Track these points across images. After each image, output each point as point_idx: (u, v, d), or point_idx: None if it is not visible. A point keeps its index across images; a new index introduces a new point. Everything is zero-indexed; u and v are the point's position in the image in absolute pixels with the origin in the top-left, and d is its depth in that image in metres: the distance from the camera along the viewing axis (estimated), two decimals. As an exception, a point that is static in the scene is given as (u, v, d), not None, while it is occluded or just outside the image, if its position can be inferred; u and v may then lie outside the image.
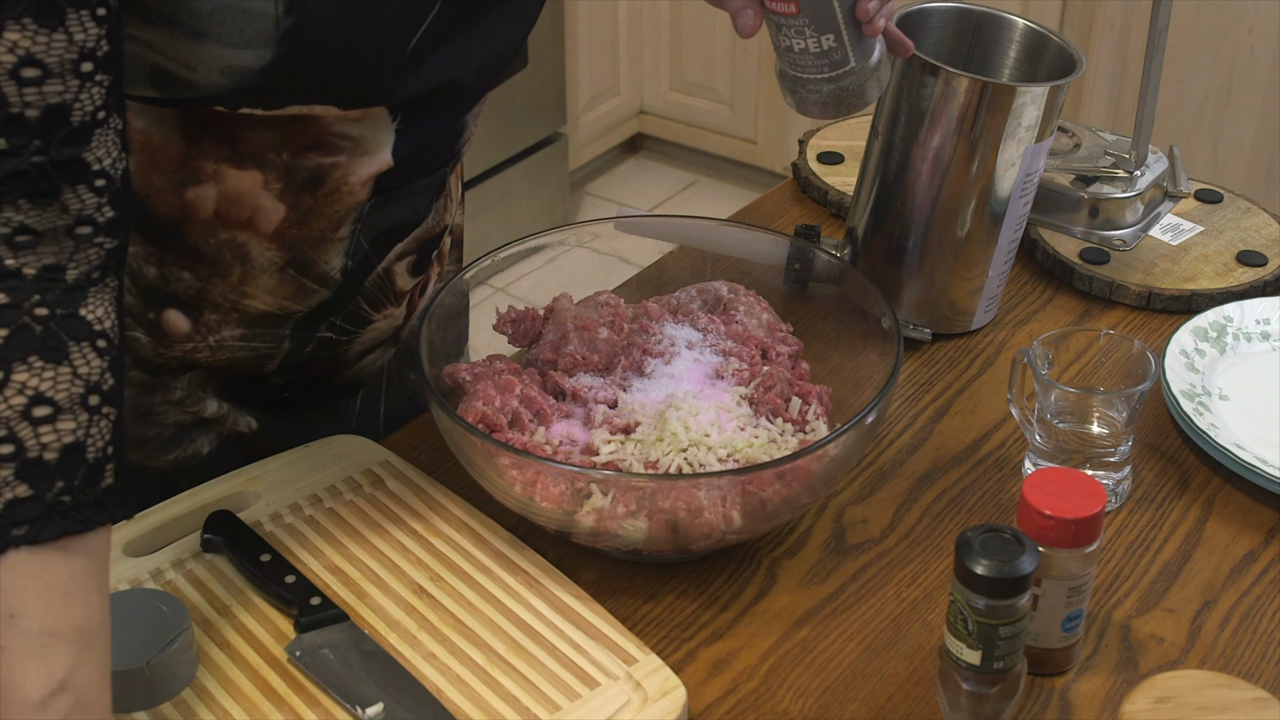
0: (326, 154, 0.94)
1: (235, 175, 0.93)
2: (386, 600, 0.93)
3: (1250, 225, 1.36)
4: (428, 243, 1.07)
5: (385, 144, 0.96)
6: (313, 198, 0.96)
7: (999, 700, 0.85)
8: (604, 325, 1.07)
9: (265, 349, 1.04)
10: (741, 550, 1.00)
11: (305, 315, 1.03)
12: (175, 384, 1.04)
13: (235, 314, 1.00)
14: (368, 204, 0.98)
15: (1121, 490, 1.05)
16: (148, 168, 0.92)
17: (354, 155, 0.95)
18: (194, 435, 1.06)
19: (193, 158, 0.92)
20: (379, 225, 1.01)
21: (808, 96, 1.01)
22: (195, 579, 0.95)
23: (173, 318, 1.00)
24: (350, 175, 0.96)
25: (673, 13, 3.31)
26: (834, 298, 1.10)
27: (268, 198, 0.94)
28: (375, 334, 1.10)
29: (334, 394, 1.15)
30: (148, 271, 0.97)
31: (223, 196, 0.94)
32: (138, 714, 0.85)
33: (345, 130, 0.93)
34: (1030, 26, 1.19)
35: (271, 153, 0.92)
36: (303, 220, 0.96)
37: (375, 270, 1.04)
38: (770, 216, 1.41)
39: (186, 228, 0.95)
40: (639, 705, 0.86)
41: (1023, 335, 1.24)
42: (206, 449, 1.07)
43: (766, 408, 1.02)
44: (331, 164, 0.94)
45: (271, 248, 0.97)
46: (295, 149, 0.92)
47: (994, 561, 0.81)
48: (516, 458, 0.92)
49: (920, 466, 1.09)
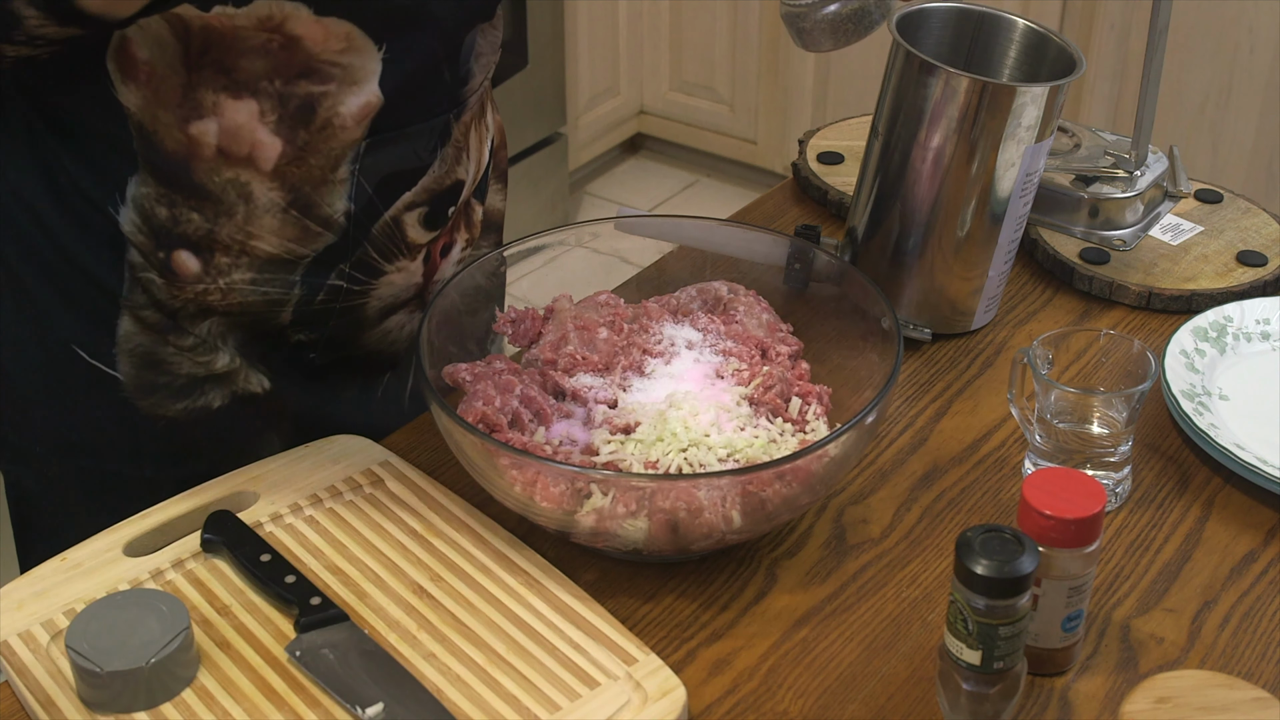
0: (316, 82, 0.98)
1: (233, 106, 0.97)
2: (386, 600, 0.93)
3: (1250, 225, 1.36)
4: (439, 195, 1.09)
5: (372, 74, 0.99)
6: (307, 132, 0.99)
7: (999, 700, 0.85)
8: (604, 325, 1.07)
9: (276, 294, 1.07)
10: (741, 550, 1.00)
11: (314, 261, 1.06)
12: (191, 330, 1.07)
13: (245, 257, 1.04)
14: (363, 143, 1.02)
15: (1121, 490, 1.05)
16: (154, 103, 0.97)
17: (343, 84, 0.99)
18: (205, 388, 1.09)
19: (193, 88, 0.96)
20: (379, 168, 1.04)
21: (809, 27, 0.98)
22: (195, 579, 0.95)
23: (183, 258, 1.03)
24: (340, 106, 0.99)
25: (673, 13, 3.31)
26: (834, 298, 1.10)
27: (264, 131, 0.99)
28: (392, 289, 1.12)
29: (363, 367, 1.16)
30: (159, 212, 1.02)
31: (223, 131, 0.98)
32: (138, 714, 0.85)
33: (333, 59, 0.97)
34: (1030, 26, 1.19)
35: (264, 80, 0.97)
36: (300, 157, 1.00)
37: (383, 218, 1.07)
38: (770, 216, 1.41)
39: (193, 164, 1.00)
40: (639, 705, 0.86)
41: (1023, 335, 1.24)
42: (217, 403, 1.09)
43: (766, 408, 1.02)
44: (322, 93, 0.98)
45: (274, 187, 1.01)
46: (286, 77, 0.97)
47: (994, 561, 0.81)
48: (516, 458, 0.92)
49: (920, 466, 1.09)
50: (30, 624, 0.91)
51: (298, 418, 1.13)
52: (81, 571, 0.94)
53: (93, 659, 0.84)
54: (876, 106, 1.18)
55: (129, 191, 1.01)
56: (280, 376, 1.11)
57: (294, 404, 1.12)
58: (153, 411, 1.08)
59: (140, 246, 1.03)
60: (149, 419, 1.08)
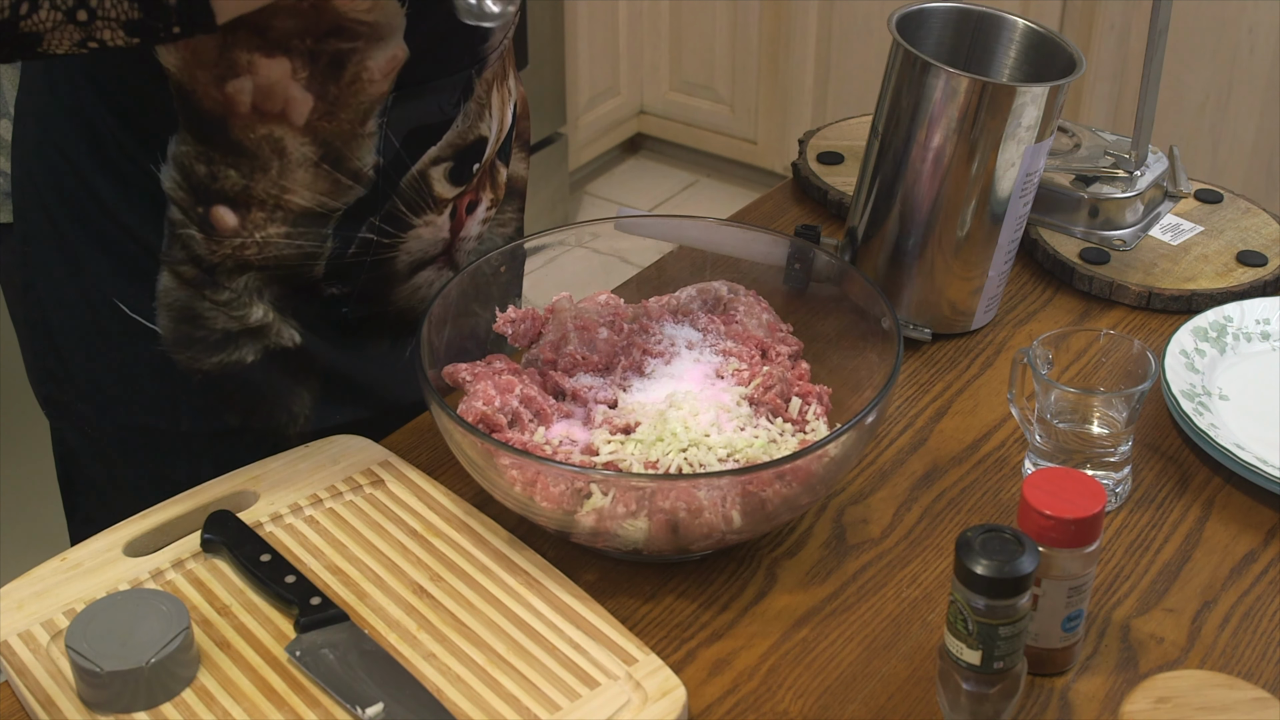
0: (345, 39, 1.01)
1: (266, 64, 1.00)
2: (386, 600, 0.93)
3: (1250, 225, 1.36)
4: (464, 150, 1.12)
5: (398, 29, 1.02)
6: (337, 87, 1.03)
7: (999, 700, 0.85)
8: (604, 325, 1.07)
9: (310, 247, 1.10)
10: (741, 550, 1.00)
11: (345, 214, 1.09)
12: (228, 285, 1.10)
13: (280, 211, 1.07)
14: (390, 97, 1.05)
15: (1121, 490, 1.05)
16: (192, 63, 1.00)
17: (370, 40, 1.02)
18: (240, 343, 1.12)
19: (228, 48, 0.99)
20: (406, 122, 1.07)
21: None
22: (195, 579, 0.95)
23: (221, 213, 1.07)
24: (368, 60, 1.03)
25: (673, 13, 3.31)
26: (834, 298, 1.10)
27: (296, 88, 1.02)
28: (421, 244, 1.14)
29: (392, 325, 1.18)
30: (198, 169, 1.05)
31: (257, 89, 1.01)
32: (138, 714, 0.85)
33: (360, 17, 1.00)
34: (1030, 26, 1.19)
35: (295, 39, 1.00)
36: (330, 111, 1.03)
37: (410, 171, 1.09)
38: (770, 216, 1.41)
39: (230, 122, 1.03)
40: (639, 705, 0.86)
41: (1023, 335, 1.24)
42: (251, 358, 1.12)
43: (766, 408, 1.02)
44: (350, 49, 1.02)
45: (306, 142, 1.04)
46: (317, 35, 1.00)
47: (994, 561, 0.81)
48: (516, 458, 0.92)
49: (920, 466, 1.09)
50: (30, 624, 0.91)
51: (327, 373, 1.16)
52: (81, 571, 0.94)
53: (93, 659, 0.84)
54: (876, 106, 1.18)
55: (169, 150, 1.05)
56: (312, 331, 1.14)
57: (324, 359, 1.15)
58: (189, 365, 1.11)
59: (180, 203, 1.07)
60: (185, 373, 1.11)
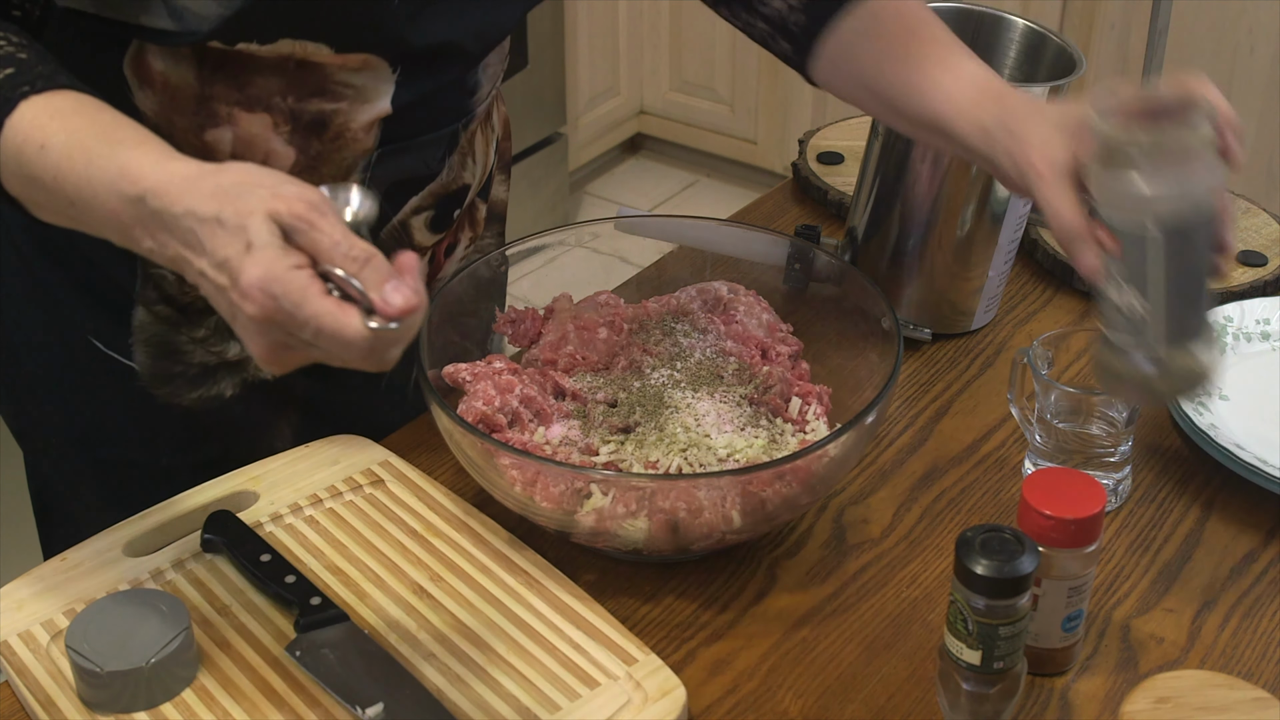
0: (329, 100, 0.98)
1: (246, 118, 0.97)
2: (386, 600, 0.93)
3: (1250, 225, 1.36)
4: (445, 199, 1.10)
5: (385, 93, 1.00)
6: (320, 142, 1.00)
7: (999, 700, 0.85)
8: (604, 325, 1.07)
9: None
10: (741, 550, 1.00)
11: None
12: (203, 322, 1.07)
13: None
14: (375, 153, 1.02)
15: (1121, 490, 1.05)
16: (169, 109, 0.97)
17: (355, 102, 0.99)
18: (218, 377, 1.10)
19: (207, 99, 0.96)
20: (389, 176, 1.04)
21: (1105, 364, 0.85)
22: (195, 579, 0.95)
23: None
24: (352, 121, 1.00)
25: (673, 13, 3.31)
26: (834, 298, 1.10)
27: (278, 141, 0.98)
28: None
29: None
30: None
31: (238, 139, 0.98)
32: (138, 714, 0.85)
33: (347, 79, 0.98)
34: (1030, 26, 1.19)
35: (277, 97, 0.97)
36: (312, 165, 1.00)
37: (391, 222, 1.07)
38: (770, 216, 1.41)
39: None
40: (639, 705, 0.86)
41: (1023, 335, 1.24)
42: (230, 392, 1.10)
43: (766, 408, 1.02)
44: (334, 110, 0.99)
45: None
46: (299, 94, 0.97)
47: (994, 561, 0.81)
48: (516, 458, 0.92)
49: (920, 466, 1.09)
50: (30, 624, 0.91)
51: (306, 405, 1.14)
52: (81, 571, 0.94)
53: (93, 659, 0.84)
54: (876, 106, 1.18)
55: None
56: None
57: (303, 391, 1.13)
58: (168, 400, 1.09)
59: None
60: (164, 407, 1.09)
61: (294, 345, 0.72)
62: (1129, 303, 0.79)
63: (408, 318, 0.71)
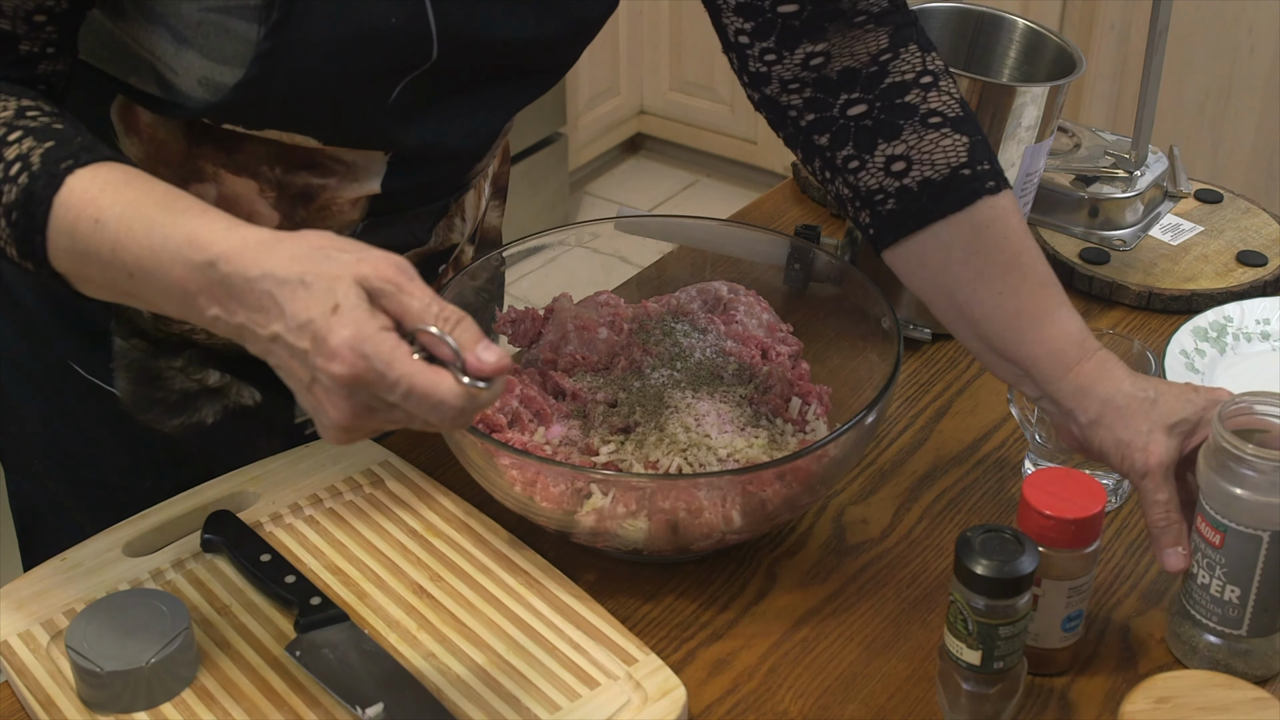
0: (318, 175, 0.97)
1: (232, 180, 0.96)
2: (386, 600, 0.93)
3: (1250, 225, 1.36)
4: (431, 258, 1.10)
5: (376, 174, 0.99)
6: (305, 211, 0.99)
7: (999, 700, 0.85)
8: (604, 325, 1.07)
9: None
10: (741, 550, 1.00)
11: None
12: (180, 354, 1.07)
13: None
14: (361, 224, 1.02)
15: (1122, 490, 1.05)
16: (155, 159, 0.96)
17: (344, 179, 0.98)
18: (199, 404, 1.09)
19: (193, 157, 0.95)
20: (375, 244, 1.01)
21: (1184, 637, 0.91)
22: (195, 579, 0.95)
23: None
24: (339, 196, 0.99)
25: (673, 13, 3.31)
26: (834, 298, 1.10)
27: (263, 204, 0.97)
28: None
29: None
30: None
31: (222, 197, 0.97)
32: (138, 714, 0.85)
33: (338, 156, 0.97)
34: (1030, 26, 1.19)
35: (265, 166, 0.96)
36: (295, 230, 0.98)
37: None
38: (770, 216, 1.41)
39: None
40: (639, 705, 0.86)
41: (1023, 335, 1.24)
42: (211, 419, 1.09)
43: (766, 408, 1.02)
44: (321, 185, 0.98)
45: None
46: (287, 166, 0.96)
47: (994, 561, 0.81)
48: (516, 458, 0.92)
49: (920, 466, 1.09)
50: (30, 624, 0.91)
51: (289, 430, 1.13)
52: (81, 571, 0.94)
53: (93, 659, 0.84)
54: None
55: None
56: (270, 390, 1.11)
57: (284, 416, 1.12)
58: (150, 426, 1.08)
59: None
60: (146, 432, 1.08)
61: (378, 408, 0.71)
62: (1222, 590, 0.87)
63: (499, 376, 0.71)
